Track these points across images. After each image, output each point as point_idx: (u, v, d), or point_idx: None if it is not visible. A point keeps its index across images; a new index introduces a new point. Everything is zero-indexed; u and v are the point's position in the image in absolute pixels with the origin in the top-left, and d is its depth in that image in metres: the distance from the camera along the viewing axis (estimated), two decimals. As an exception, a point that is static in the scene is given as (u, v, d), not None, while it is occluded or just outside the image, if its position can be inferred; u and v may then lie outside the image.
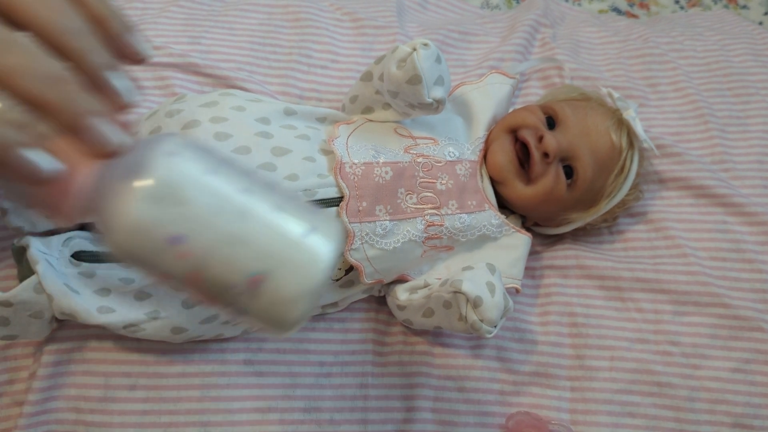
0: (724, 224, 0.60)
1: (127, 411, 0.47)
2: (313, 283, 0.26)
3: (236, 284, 0.25)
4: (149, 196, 0.24)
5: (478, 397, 0.52)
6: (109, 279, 0.45)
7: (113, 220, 0.24)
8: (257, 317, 0.26)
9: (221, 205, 0.25)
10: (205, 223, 0.24)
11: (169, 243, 0.24)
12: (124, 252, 0.25)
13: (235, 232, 0.25)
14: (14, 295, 0.43)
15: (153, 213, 0.23)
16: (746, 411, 0.52)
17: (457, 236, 0.51)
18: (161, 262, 0.24)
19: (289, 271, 0.25)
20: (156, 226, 0.24)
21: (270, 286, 0.25)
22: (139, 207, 0.23)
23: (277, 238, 0.25)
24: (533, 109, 0.56)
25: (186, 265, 0.24)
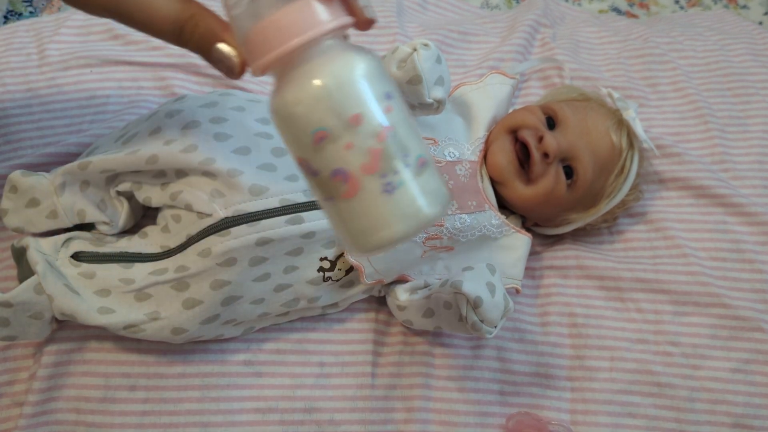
0: (724, 224, 0.60)
1: (127, 411, 0.47)
2: (410, 225, 0.28)
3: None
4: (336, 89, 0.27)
5: (478, 397, 0.52)
6: (109, 280, 0.45)
7: (297, 88, 0.27)
8: (350, 215, 0.29)
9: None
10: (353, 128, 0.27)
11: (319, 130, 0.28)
12: (289, 111, 0.28)
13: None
14: (14, 296, 0.43)
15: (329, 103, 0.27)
16: (746, 411, 0.52)
17: (457, 237, 0.51)
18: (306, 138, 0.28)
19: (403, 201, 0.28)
20: (327, 110, 0.27)
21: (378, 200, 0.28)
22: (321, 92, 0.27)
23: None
24: (533, 109, 0.56)
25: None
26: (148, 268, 0.46)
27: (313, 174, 0.28)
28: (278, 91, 0.28)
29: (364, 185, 0.28)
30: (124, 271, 0.46)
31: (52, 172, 0.47)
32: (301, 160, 0.29)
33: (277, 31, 0.27)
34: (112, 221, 0.49)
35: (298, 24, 0.27)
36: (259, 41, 0.27)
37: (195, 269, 0.44)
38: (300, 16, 0.27)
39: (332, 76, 0.27)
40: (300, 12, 0.27)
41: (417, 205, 0.28)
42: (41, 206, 0.46)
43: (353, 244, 0.29)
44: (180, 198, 0.46)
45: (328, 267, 0.48)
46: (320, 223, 0.46)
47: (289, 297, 0.48)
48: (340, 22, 0.27)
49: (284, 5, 0.27)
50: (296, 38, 0.27)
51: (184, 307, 0.45)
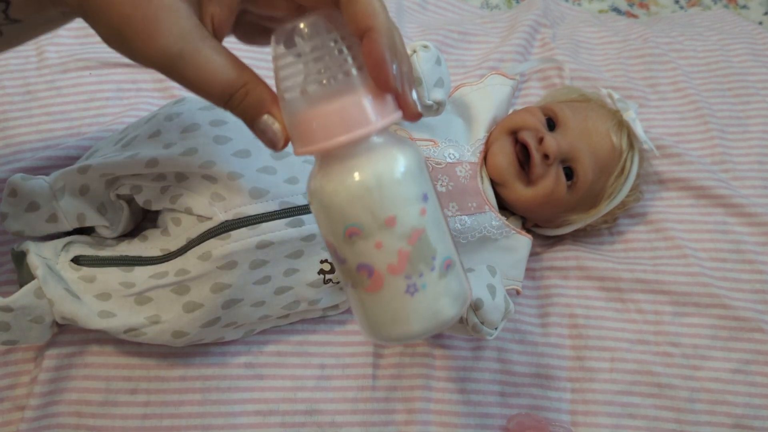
0: (724, 225, 0.60)
1: (128, 415, 0.47)
2: (428, 325, 0.29)
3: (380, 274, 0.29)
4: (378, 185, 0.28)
5: (479, 398, 0.52)
6: (110, 283, 0.45)
7: (343, 179, 0.28)
8: (371, 308, 0.29)
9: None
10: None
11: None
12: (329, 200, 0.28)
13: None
14: (15, 300, 0.43)
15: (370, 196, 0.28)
16: (746, 412, 0.53)
17: (458, 238, 0.51)
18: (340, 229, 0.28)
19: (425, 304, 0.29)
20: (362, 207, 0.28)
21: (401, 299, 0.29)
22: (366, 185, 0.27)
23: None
24: (533, 110, 0.56)
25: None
26: (149, 272, 0.46)
27: (340, 261, 0.29)
28: (318, 175, 0.28)
29: (388, 283, 0.28)
30: (125, 275, 0.46)
31: (52, 176, 0.47)
32: (330, 244, 0.29)
33: (326, 124, 0.27)
34: (112, 225, 0.49)
35: (348, 121, 0.27)
36: (306, 128, 0.27)
37: (195, 272, 0.44)
38: (351, 113, 0.27)
39: (374, 176, 0.27)
40: (351, 109, 0.27)
41: (437, 307, 0.29)
42: (41, 210, 0.46)
43: (370, 331, 0.30)
44: (180, 201, 0.46)
45: (328, 269, 0.48)
46: None
47: (289, 299, 0.48)
48: (388, 120, 0.27)
49: (336, 98, 0.27)
50: (343, 136, 0.27)
51: (185, 310, 0.45)
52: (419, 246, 0.28)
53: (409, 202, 0.28)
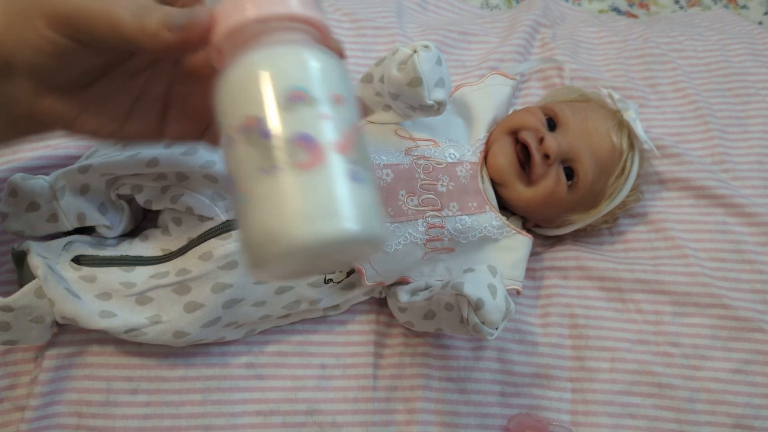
0: (724, 225, 0.60)
1: (128, 415, 0.47)
2: (314, 237, 0.23)
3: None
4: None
5: (479, 398, 0.52)
6: (110, 283, 0.45)
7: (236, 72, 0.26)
8: (249, 226, 0.25)
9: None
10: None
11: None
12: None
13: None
14: (15, 300, 0.43)
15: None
16: (746, 412, 0.53)
17: (458, 238, 0.51)
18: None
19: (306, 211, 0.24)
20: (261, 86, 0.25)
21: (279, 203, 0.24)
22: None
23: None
24: (533, 110, 0.56)
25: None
26: (149, 272, 0.46)
27: (263, 135, 0.24)
28: (246, 52, 0.26)
29: (330, 160, 0.24)
30: (125, 275, 0.45)
31: (52, 176, 0.47)
32: (251, 119, 0.25)
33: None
34: (112, 224, 0.49)
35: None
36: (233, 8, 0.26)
37: (196, 272, 0.44)
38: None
39: (325, 54, 0.26)
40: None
41: (372, 212, 0.25)
42: (41, 210, 0.46)
43: (275, 234, 0.24)
44: (181, 201, 0.46)
45: (328, 269, 0.48)
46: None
47: (290, 299, 0.48)
48: (314, 15, 0.27)
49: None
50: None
51: (186, 310, 0.45)
52: (361, 140, 0.26)
53: (351, 97, 0.26)
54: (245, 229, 0.25)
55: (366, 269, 0.48)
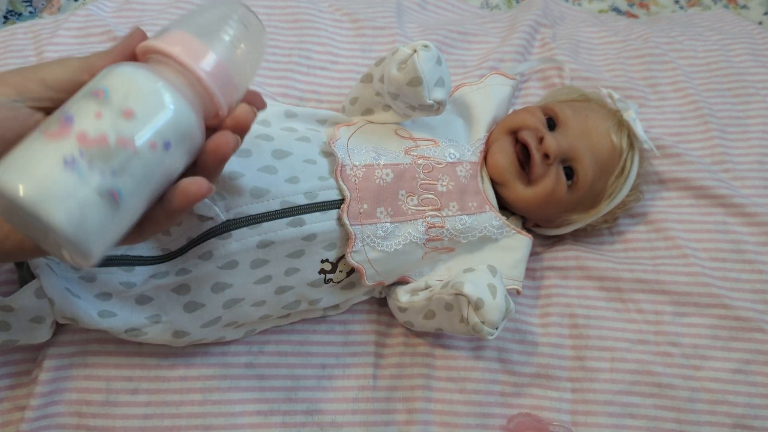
0: (724, 225, 0.60)
1: (128, 415, 0.47)
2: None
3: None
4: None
5: (479, 398, 0.52)
6: (110, 283, 0.45)
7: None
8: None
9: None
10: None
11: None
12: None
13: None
14: (15, 300, 0.43)
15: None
16: (746, 412, 0.53)
17: (458, 238, 0.51)
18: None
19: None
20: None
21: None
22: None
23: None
24: (533, 110, 0.56)
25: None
26: (149, 272, 0.46)
27: (62, 107, 0.29)
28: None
29: (65, 140, 0.27)
30: (125, 275, 0.45)
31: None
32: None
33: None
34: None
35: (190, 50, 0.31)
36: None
37: (196, 272, 0.44)
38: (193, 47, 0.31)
39: (159, 80, 0.30)
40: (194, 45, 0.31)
41: (72, 203, 0.27)
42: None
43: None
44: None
45: (329, 269, 0.48)
46: (321, 225, 0.46)
47: (290, 299, 0.48)
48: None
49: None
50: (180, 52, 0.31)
51: (186, 310, 0.45)
52: (119, 150, 0.28)
53: (151, 125, 0.29)
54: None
55: (366, 269, 0.48)
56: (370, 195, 0.47)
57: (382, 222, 0.48)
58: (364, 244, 0.47)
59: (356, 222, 0.47)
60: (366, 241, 0.47)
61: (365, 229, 0.47)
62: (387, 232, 0.48)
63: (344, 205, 0.46)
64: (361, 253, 0.47)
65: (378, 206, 0.48)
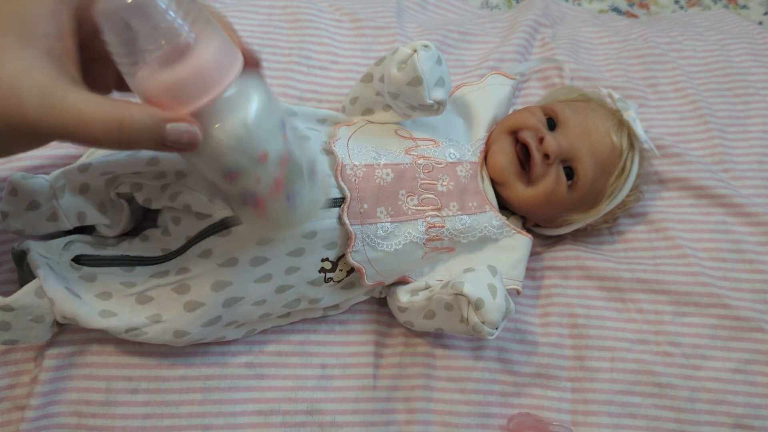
0: (724, 225, 0.60)
1: (128, 415, 0.47)
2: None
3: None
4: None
5: (480, 398, 0.52)
6: (110, 283, 0.45)
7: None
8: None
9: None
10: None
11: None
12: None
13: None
14: (15, 300, 0.43)
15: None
16: (747, 411, 0.53)
17: (458, 238, 0.51)
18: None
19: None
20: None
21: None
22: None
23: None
24: (534, 110, 0.56)
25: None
26: (149, 271, 0.46)
27: (225, 198, 0.35)
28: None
29: (272, 203, 0.34)
30: (125, 274, 0.46)
31: (52, 175, 0.47)
32: (211, 182, 0.34)
33: (184, 89, 0.30)
34: (112, 223, 0.49)
35: (203, 84, 0.30)
36: (169, 97, 0.30)
37: (196, 271, 0.44)
38: (205, 76, 0.30)
39: (240, 124, 0.31)
40: (205, 72, 0.30)
41: (314, 198, 0.37)
42: (41, 209, 0.46)
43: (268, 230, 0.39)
44: (179, 199, 0.46)
45: (329, 268, 0.48)
46: (321, 224, 0.46)
47: (290, 298, 0.48)
48: (235, 72, 0.31)
49: (185, 64, 0.29)
50: (201, 98, 0.30)
51: (186, 309, 0.45)
52: (290, 167, 0.34)
53: (272, 134, 0.33)
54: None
55: (366, 268, 0.48)
56: (370, 195, 0.47)
57: (383, 222, 0.48)
58: (364, 243, 0.47)
59: (356, 222, 0.47)
60: (366, 240, 0.47)
61: (365, 229, 0.47)
62: (387, 232, 0.48)
63: (344, 204, 0.46)
64: (361, 252, 0.47)
65: (378, 206, 0.48)
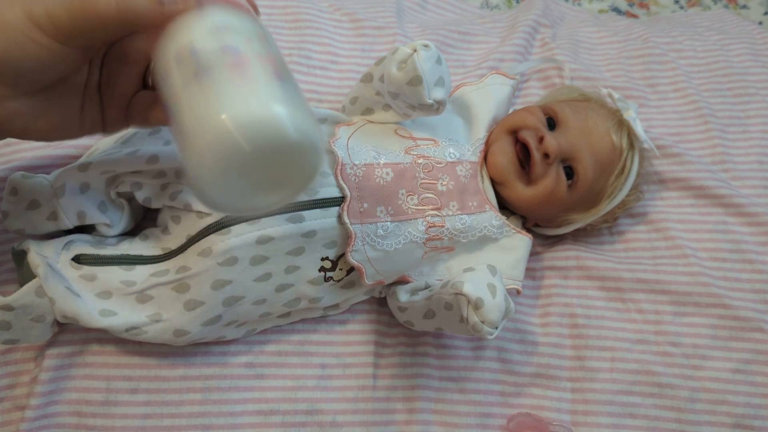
0: (724, 225, 0.60)
1: (128, 415, 0.47)
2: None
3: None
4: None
5: (479, 398, 0.52)
6: (111, 282, 0.45)
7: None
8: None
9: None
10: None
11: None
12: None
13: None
14: (16, 299, 0.43)
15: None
16: (747, 411, 0.53)
17: (458, 237, 0.51)
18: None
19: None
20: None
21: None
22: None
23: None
24: (533, 110, 0.56)
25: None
26: (150, 270, 0.46)
27: (192, 53, 0.28)
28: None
29: (255, 65, 0.28)
30: (126, 274, 0.46)
31: (53, 174, 0.47)
32: (181, 47, 0.29)
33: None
34: (112, 223, 0.49)
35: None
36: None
37: (196, 269, 0.44)
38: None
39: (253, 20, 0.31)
40: None
41: (306, 115, 0.29)
42: (42, 208, 0.46)
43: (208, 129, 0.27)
44: (179, 198, 0.46)
45: (329, 267, 0.48)
46: (321, 223, 0.46)
47: (290, 297, 0.48)
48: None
49: None
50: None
51: (186, 308, 0.45)
52: (285, 68, 0.30)
53: (273, 50, 0.31)
54: (184, 140, 0.27)
55: (366, 268, 0.48)
56: (370, 194, 0.47)
57: (383, 221, 0.48)
58: (364, 243, 0.47)
59: (356, 221, 0.47)
60: (366, 240, 0.47)
61: (365, 228, 0.47)
62: (387, 231, 0.48)
63: (344, 204, 0.47)
64: (361, 252, 0.47)
65: (378, 205, 0.48)
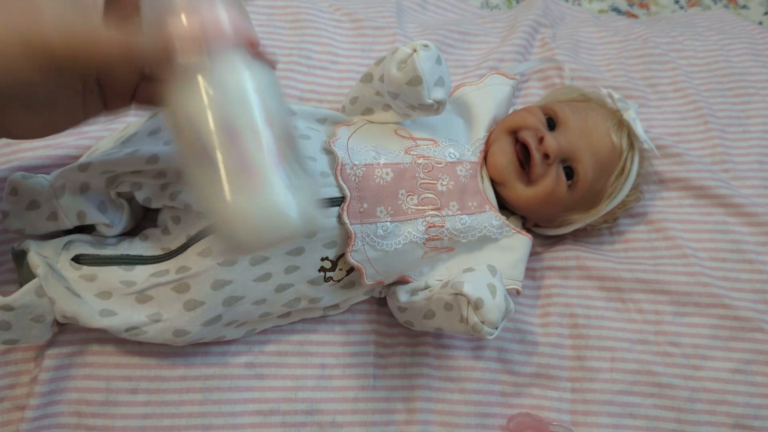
0: (724, 225, 0.60)
1: (128, 415, 0.47)
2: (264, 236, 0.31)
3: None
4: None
5: (479, 398, 0.52)
6: (110, 282, 0.45)
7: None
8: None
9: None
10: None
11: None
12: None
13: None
14: (15, 299, 0.43)
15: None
16: (746, 411, 0.53)
17: (458, 237, 0.51)
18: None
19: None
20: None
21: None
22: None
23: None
24: (533, 110, 0.56)
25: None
26: (149, 270, 0.46)
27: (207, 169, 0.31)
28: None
29: (263, 168, 0.31)
30: (125, 274, 0.46)
31: (52, 174, 0.47)
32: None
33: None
34: (112, 223, 0.49)
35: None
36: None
37: (196, 269, 0.44)
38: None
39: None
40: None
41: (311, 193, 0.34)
42: (41, 208, 0.46)
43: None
44: (179, 198, 0.46)
45: (329, 267, 0.48)
46: (321, 223, 0.46)
47: (290, 297, 0.48)
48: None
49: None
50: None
51: (186, 308, 0.45)
52: (290, 140, 0.33)
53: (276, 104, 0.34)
54: (199, 203, 0.35)
55: (365, 268, 0.48)
56: (370, 194, 0.47)
57: (382, 221, 0.48)
58: (364, 243, 0.47)
59: (356, 221, 0.47)
60: (366, 240, 0.47)
61: (365, 228, 0.47)
62: (387, 232, 0.48)
63: (344, 204, 0.47)
64: (360, 252, 0.47)
65: (378, 205, 0.48)
